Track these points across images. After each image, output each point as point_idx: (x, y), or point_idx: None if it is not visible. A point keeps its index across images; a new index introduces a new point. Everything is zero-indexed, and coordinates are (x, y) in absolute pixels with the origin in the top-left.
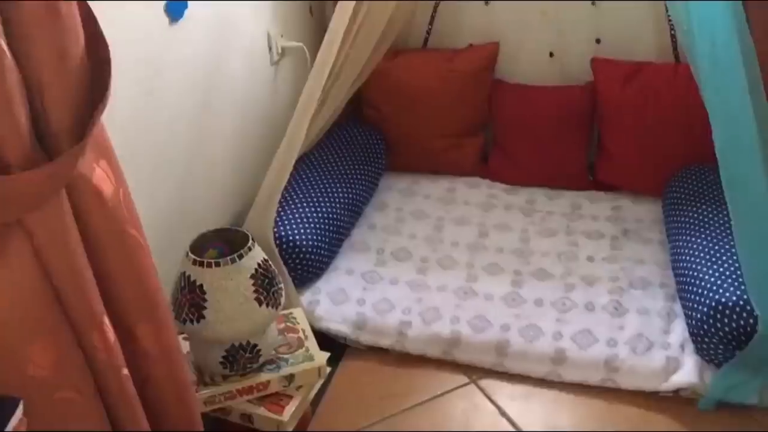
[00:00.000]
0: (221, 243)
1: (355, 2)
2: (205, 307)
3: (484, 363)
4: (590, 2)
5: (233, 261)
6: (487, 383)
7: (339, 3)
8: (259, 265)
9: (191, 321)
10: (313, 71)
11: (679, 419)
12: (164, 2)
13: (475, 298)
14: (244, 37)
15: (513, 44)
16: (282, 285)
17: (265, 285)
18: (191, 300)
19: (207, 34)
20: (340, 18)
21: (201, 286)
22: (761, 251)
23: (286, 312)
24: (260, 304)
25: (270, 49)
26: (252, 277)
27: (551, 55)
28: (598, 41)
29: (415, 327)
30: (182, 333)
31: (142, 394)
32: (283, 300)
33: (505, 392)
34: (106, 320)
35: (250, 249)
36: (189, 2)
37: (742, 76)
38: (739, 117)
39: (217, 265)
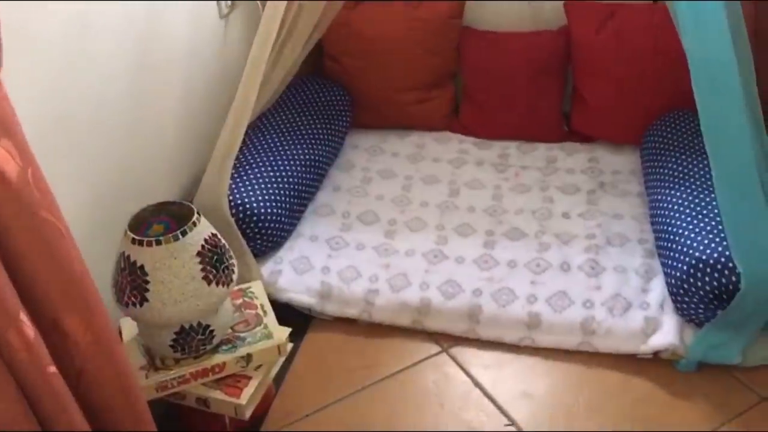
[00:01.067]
0: (167, 218)
1: None
2: (147, 290)
3: (455, 330)
4: None
5: (176, 238)
6: (459, 351)
7: None
8: (206, 240)
9: (134, 304)
10: (263, 22)
11: (659, 381)
12: None
13: (446, 261)
14: None
15: None
16: (234, 261)
17: (213, 262)
18: (132, 282)
19: None
20: None
21: (142, 266)
22: (742, 203)
23: (244, 286)
24: (209, 283)
25: (218, 0)
26: (198, 254)
27: None
28: None
29: (382, 295)
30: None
31: (77, 390)
32: (235, 276)
33: (478, 361)
34: (24, 316)
35: (195, 224)
36: None
37: (722, 15)
38: (720, 58)
39: (158, 243)
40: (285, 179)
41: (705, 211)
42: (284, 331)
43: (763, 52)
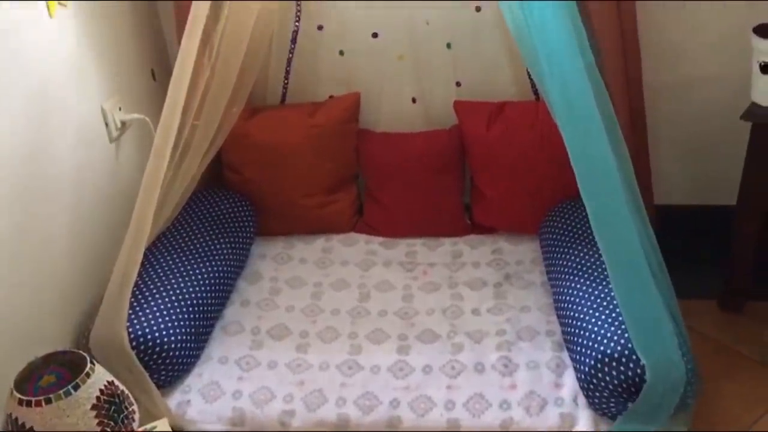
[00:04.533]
0: (58, 367)
1: (194, 60)
2: None
3: None
4: (446, 47)
5: (67, 393)
6: None
7: (177, 62)
8: (101, 391)
9: None
10: (155, 146)
11: None
12: None
13: (361, 372)
14: (73, 117)
15: (374, 92)
16: (135, 407)
17: (111, 413)
18: None
19: (25, 124)
20: (179, 80)
21: (31, 428)
22: (638, 296)
23: (148, 427)
24: None
25: (107, 125)
26: (94, 407)
27: (414, 101)
28: (458, 84)
29: (298, 416)
30: None
31: None
32: (136, 423)
33: None
34: None
35: (88, 375)
36: None
37: (597, 118)
38: (599, 160)
39: (48, 402)
40: (189, 301)
41: (605, 303)
42: None
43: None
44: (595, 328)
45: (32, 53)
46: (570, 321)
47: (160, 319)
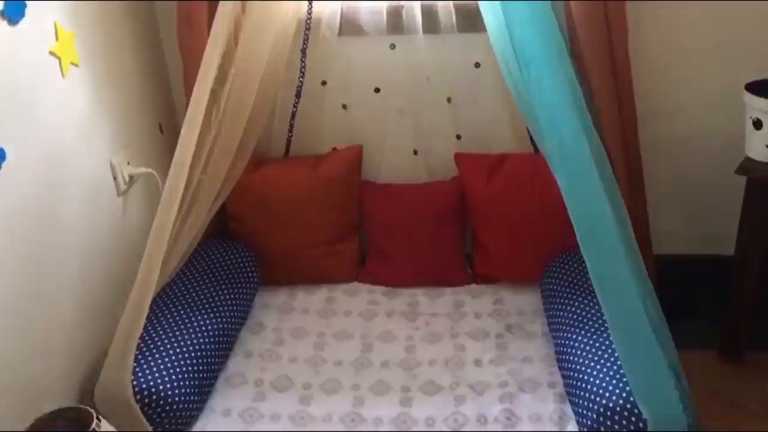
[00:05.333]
0: (65, 423)
1: (203, 115)
2: None
3: None
4: (446, 101)
5: None
6: None
7: (185, 122)
8: None
9: None
10: (163, 200)
11: None
12: None
13: (364, 425)
14: (82, 172)
15: (376, 145)
16: None
17: None
18: None
19: (34, 179)
20: (187, 139)
21: None
22: (639, 350)
23: None
24: None
25: (115, 179)
26: None
27: (415, 152)
28: (458, 137)
29: None
30: None
31: None
32: None
33: None
34: None
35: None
36: (6, 150)
37: (594, 175)
38: (597, 214)
39: None
40: (193, 353)
41: (607, 355)
42: None
43: None
44: (597, 381)
45: (45, 110)
46: (572, 373)
47: (164, 372)
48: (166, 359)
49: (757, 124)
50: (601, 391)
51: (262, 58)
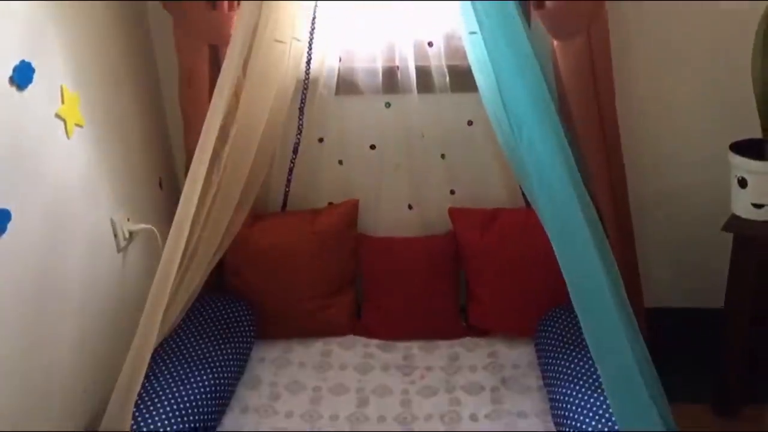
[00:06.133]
0: None
1: (206, 169)
2: None
3: None
4: (440, 157)
5: None
6: None
7: (188, 177)
8: None
9: None
10: (164, 257)
11: None
12: None
13: None
14: (83, 229)
15: (372, 199)
16: None
17: None
18: None
19: (37, 237)
20: (190, 194)
21: None
22: (632, 407)
23: None
24: None
25: (115, 235)
26: None
27: (410, 207)
28: (452, 192)
29: None
30: None
31: None
32: None
33: None
34: None
35: None
36: (11, 211)
37: (585, 232)
38: (588, 270)
39: None
40: (191, 409)
41: (602, 411)
42: None
43: None
44: None
45: (49, 171)
46: (567, 429)
47: (161, 427)
48: (163, 415)
49: (742, 183)
50: None
51: (263, 117)
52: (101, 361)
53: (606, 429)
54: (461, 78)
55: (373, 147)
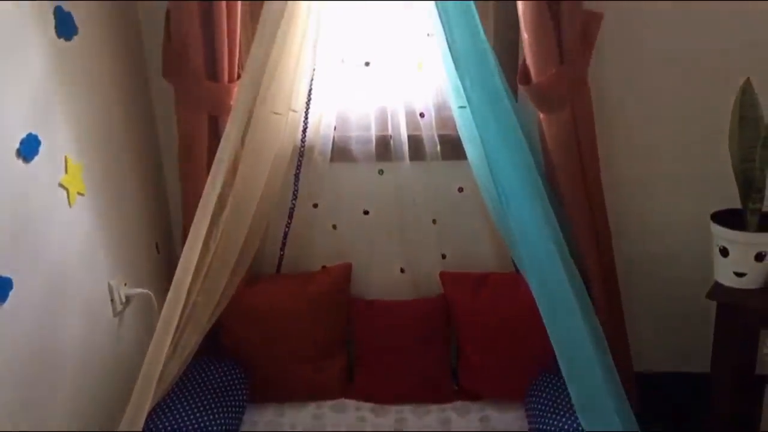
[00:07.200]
0: None
1: (205, 233)
2: None
3: None
4: (432, 222)
5: None
6: None
7: (187, 242)
8: None
9: None
10: (160, 323)
11: None
12: None
13: None
14: (81, 295)
15: (365, 263)
16: None
17: None
18: None
19: (36, 304)
20: (188, 261)
21: None
22: None
23: None
24: None
25: (112, 300)
26: None
27: (402, 271)
28: (443, 256)
29: None
30: None
31: None
32: None
33: None
34: None
35: None
36: (13, 279)
37: (571, 300)
38: (575, 338)
39: None
40: None
41: None
42: None
43: None
44: None
45: (50, 238)
46: None
47: None
48: None
49: (724, 252)
50: None
51: (260, 185)
52: (96, 427)
53: None
54: (452, 146)
55: (366, 212)
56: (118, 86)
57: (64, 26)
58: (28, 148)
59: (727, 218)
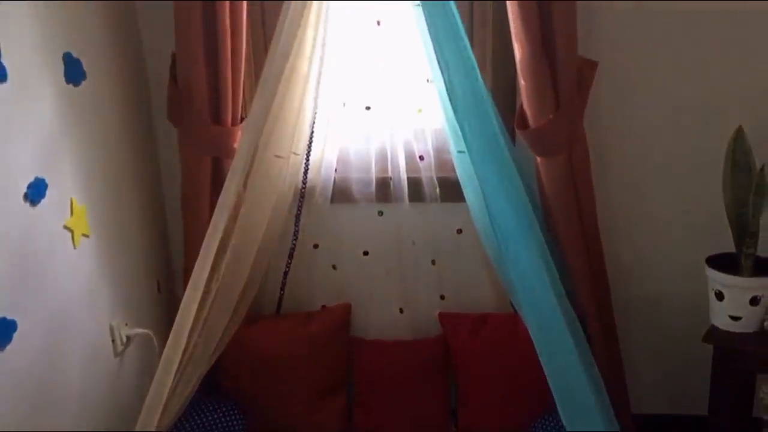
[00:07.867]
0: None
1: (206, 274)
2: None
3: None
4: (430, 263)
5: None
6: None
7: (189, 284)
8: None
9: None
10: (161, 365)
11: None
12: None
13: None
14: (83, 335)
15: (364, 303)
16: None
17: None
18: None
19: (39, 344)
20: (189, 303)
21: None
22: None
23: None
24: None
25: (113, 340)
26: None
27: (401, 311)
28: (442, 297)
29: None
30: None
31: None
32: None
33: None
34: None
35: None
36: (18, 321)
37: (570, 344)
38: (572, 381)
39: None
40: None
41: None
42: None
43: None
44: None
45: (54, 279)
46: None
47: None
48: None
49: (719, 296)
50: None
51: (261, 226)
52: None
53: None
54: (451, 189)
55: (366, 253)
56: (124, 129)
57: (73, 72)
58: (35, 192)
59: (722, 262)
